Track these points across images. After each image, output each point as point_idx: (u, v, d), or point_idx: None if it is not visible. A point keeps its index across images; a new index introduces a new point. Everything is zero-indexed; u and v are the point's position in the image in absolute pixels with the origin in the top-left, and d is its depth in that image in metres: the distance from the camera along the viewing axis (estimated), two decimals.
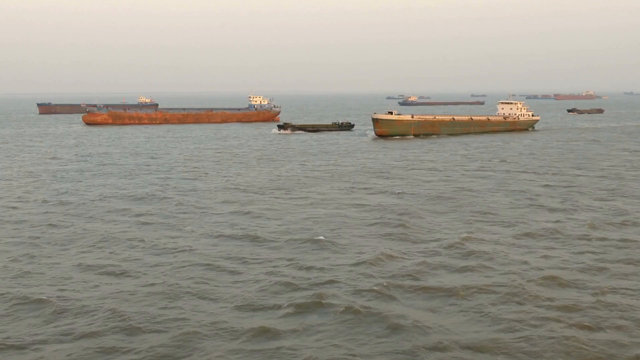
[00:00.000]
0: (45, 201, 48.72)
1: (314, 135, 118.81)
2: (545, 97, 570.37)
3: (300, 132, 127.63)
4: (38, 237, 37.08)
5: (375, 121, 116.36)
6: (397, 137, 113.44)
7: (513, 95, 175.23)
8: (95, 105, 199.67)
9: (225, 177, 62.07)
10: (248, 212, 43.92)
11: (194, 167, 69.73)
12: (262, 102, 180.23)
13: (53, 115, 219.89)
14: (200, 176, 62.57)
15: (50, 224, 40.37)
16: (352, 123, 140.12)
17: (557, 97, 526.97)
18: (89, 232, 38.11)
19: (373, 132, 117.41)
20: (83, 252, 33.99)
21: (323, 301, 25.97)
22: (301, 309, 25.35)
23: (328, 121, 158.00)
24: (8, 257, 32.80)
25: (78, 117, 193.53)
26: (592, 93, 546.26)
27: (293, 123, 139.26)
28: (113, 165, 72.41)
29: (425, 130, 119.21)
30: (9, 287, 28.04)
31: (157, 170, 68.00)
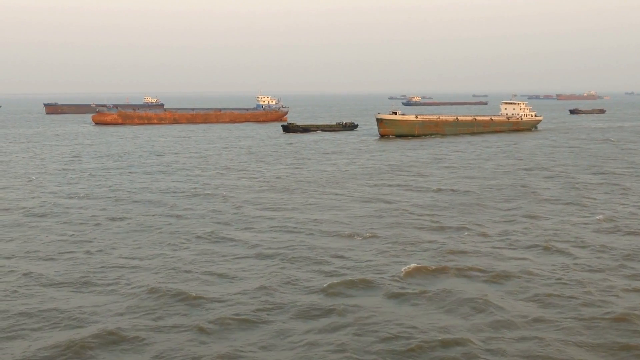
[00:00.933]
0: (96, 197, 51.34)
1: (322, 136, 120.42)
2: (547, 97, 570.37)
3: (305, 132, 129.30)
4: (103, 230, 39.64)
5: (380, 121, 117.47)
6: (401, 137, 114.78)
7: (515, 95, 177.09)
8: (104, 105, 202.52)
9: (257, 174, 64.99)
10: (291, 208, 46.42)
11: (226, 166, 72.19)
12: (270, 102, 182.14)
13: (62, 115, 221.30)
14: (235, 173, 65.20)
15: (114, 218, 43.06)
16: (355, 123, 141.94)
17: (559, 97, 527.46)
18: (146, 226, 40.56)
19: (377, 132, 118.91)
20: (148, 244, 36.33)
21: (370, 285, 28.66)
22: (351, 291, 27.93)
23: (332, 121, 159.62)
24: (82, 249, 35.17)
25: (85, 117, 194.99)
26: (594, 93, 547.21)
27: (297, 123, 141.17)
28: (145, 163, 75.00)
29: (429, 131, 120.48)
30: (94, 275, 30.61)
31: (190, 167, 70.87)
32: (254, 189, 55.39)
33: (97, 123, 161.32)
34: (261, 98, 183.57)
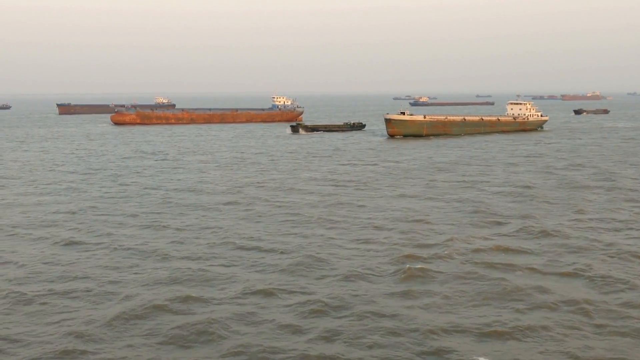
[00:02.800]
0: (166, 189, 55.63)
1: (334, 135, 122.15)
2: (551, 97, 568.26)
3: (313, 132, 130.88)
4: (179, 217, 44.11)
5: (388, 121, 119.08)
6: (409, 137, 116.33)
7: (519, 95, 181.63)
8: (123, 106, 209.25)
9: (309, 170, 68.65)
10: (340, 203, 49.63)
11: (274, 163, 76.00)
12: (286, 103, 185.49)
13: (76, 116, 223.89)
14: (293, 171, 68.37)
15: (198, 205, 47.62)
16: (363, 123, 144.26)
17: (564, 97, 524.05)
18: (224, 214, 45.02)
19: (386, 132, 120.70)
20: (222, 229, 40.57)
21: (445, 259, 33.26)
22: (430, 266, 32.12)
23: (339, 121, 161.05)
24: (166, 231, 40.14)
25: (101, 117, 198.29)
26: (598, 94, 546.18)
27: (306, 124, 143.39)
28: (191, 160, 78.90)
29: (437, 131, 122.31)
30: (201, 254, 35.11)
31: (246, 164, 75.21)
32: (313, 183, 59.41)
33: (116, 123, 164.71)
34: (277, 98, 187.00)
